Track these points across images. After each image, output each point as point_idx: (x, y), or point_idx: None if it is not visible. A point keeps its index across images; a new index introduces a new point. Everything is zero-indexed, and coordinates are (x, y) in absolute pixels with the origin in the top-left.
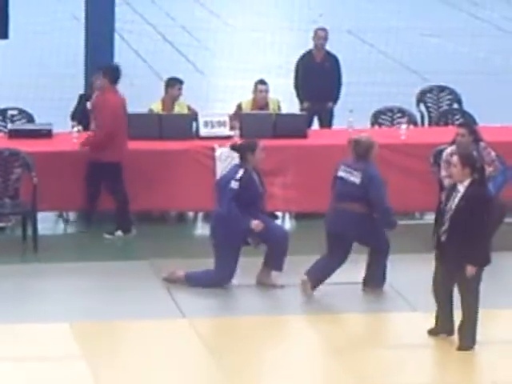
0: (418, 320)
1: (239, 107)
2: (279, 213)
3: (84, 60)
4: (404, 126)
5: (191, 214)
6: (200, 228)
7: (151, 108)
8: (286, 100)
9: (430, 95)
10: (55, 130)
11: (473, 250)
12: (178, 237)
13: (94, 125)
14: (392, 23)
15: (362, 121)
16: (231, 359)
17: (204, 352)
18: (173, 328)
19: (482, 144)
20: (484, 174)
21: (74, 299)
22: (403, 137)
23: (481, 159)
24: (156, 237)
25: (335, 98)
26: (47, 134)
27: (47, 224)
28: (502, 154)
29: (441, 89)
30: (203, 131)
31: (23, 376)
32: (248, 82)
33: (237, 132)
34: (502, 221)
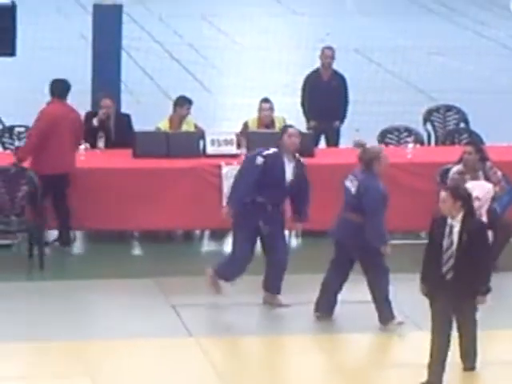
0: (423, 339)
1: (245, 125)
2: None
3: (91, 78)
4: (410, 145)
5: (198, 232)
6: (206, 246)
7: (158, 126)
8: (293, 118)
9: (437, 114)
10: None
11: (484, 281)
12: (185, 255)
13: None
14: (399, 42)
15: (369, 140)
16: (237, 379)
17: (210, 371)
18: (179, 347)
19: (489, 163)
20: (472, 204)
21: (79, 317)
22: (410, 156)
23: (486, 178)
24: (162, 255)
25: (342, 117)
26: None
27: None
28: (509, 174)
29: (447, 108)
30: (210, 149)
31: None
32: (255, 101)
33: (244, 150)
34: (508, 241)
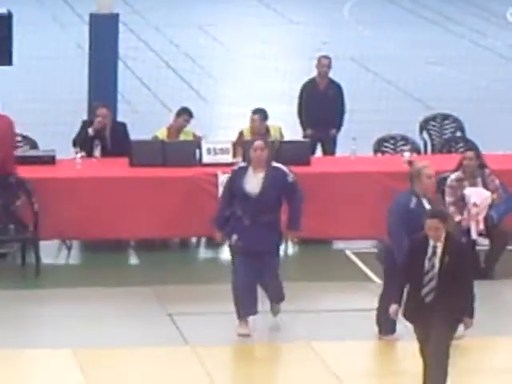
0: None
1: (241, 134)
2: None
3: (88, 86)
4: (407, 154)
5: (194, 241)
6: (203, 254)
7: (156, 135)
8: (289, 127)
9: (434, 123)
10: (58, 157)
11: (469, 302)
12: (181, 263)
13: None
14: (395, 51)
15: (365, 148)
16: None
17: (206, 380)
18: (175, 355)
19: (487, 171)
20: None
21: (76, 325)
22: (406, 164)
23: (484, 185)
24: (158, 263)
25: (338, 126)
26: (50, 161)
27: (49, 250)
28: (505, 182)
29: (444, 117)
30: (206, 158)
31: None
32: (251, 110)
33: (240, 159)
34: (505, 248)
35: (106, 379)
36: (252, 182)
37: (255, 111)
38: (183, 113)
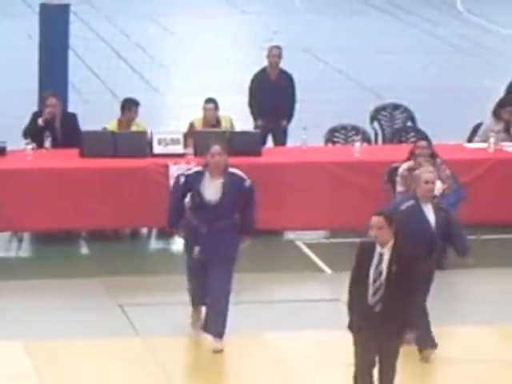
0: None
1: (192, 125)
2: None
3: (38, 77)
4: (358, 144)
5: (145, 231)
6: (154, 245)
7: (106, 127)
8: (240, 118)
9: (384, 113)
10: (9, 148)
11: (413, 315)
12: (132, 254)
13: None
14: (347, 41)
15: (316, 138)
16: (184, 379)
17: (157, 371)
18: (126, 346)
19: (439, 160)
20: (397, 229)
21: (26, 317)
22: (357, 154)
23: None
24: (110, 254)
25: (289, 116)
26: (1, 152)
27: (0, 242)
28: (456, 172)
29: (395, 106)
30: (157, 149)
31: None
32: (202, 100)
33: (191, 150)
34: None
35: (57, 371)
36: (211, 189)
37: (208, 100)
38: (131, 105)
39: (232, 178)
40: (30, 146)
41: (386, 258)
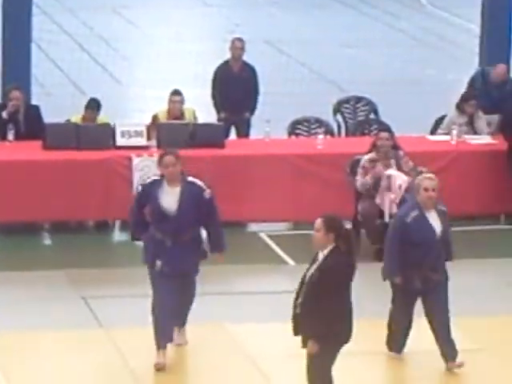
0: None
1: (155, 117)
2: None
3: (1, 70)
4: (321, 136)
5: (109, 223)
6: (117, 237)
7: (71, 120)
8: (203, 110)
9: (347, 105)
10: None
11: (317, 324)
12: (95, 246)
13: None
14: (309, 34)
15: (279, 131)
16: (148, 370)
17: (120, 363)
18: (89, 338)
19: (401, 152)
20: (350, 241)
21: None
22: (320, 147)
23: (398, 166)
24: (73, 246)
25: (252, 108)
26: None
27: None
28: (418, 165)
29: (358, 99)
30: (120, 141)
31: None
32: (165, 92)
33: (154, 142)
34: None
35: (19, 363)
36: (168, 198)
37: (175, 92)
38: (91, 106)
39: (190, 187)
40: None
41: (318, 263)
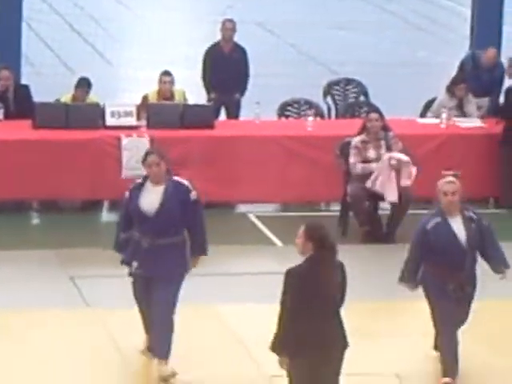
0: None
1: (145, 98)
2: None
3: None
4: (311, 118)
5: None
6: (105, 217)
7: (61, 99)
8: (194, 91)
9: (337, 87)
10: None
11: (276, 339)
12: (83, 226)
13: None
14: (300, 16)
15: (269, 112)
16: (135, 350)
17: (108, 342)
18: (77, 317)
19: (391, 133)
20: (323, 254)
21: None
22: (310, 128)
23: (388, 147)
24: (61, 226)
25: (242, 90)
26: None
27: None
28: (408, 147)
29: (348, 81)
30: (110, 121)
31: None
32: (156, 73)
33: (144, 122)
34: (405, 213)
35: (8, 341)
36: (149, 198)
37: (165, 73)
38: (83, 86)
39: (176, 187)
40: None
41: None
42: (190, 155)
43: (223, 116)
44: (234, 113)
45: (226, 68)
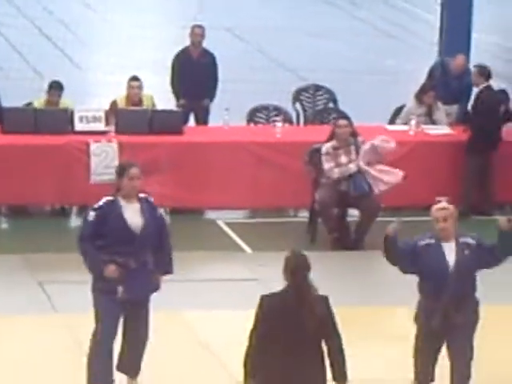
0: None
1: (114, 103)
2: None
3: None
4: (279, 124)
5: (66, 208)
6: (74, 222)
7: (33, 103)
8: (162, 97)
9: (306, 94)
10: None
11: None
12: (52, 231)
13: None
14: (270, 22)
15: (238, 118)
16: None
17: (75, 348)
18: (45, 323)
19: (360, 138)
20: (296, 285)
21: None
22: (278, 135)
23: (358, 153)
24: (30, 231)
25: (211, 95)
26: None
27: None
28: None
29: (317, 88)
30: (78, 126)
31: None
32: (125, 78)
33: (112, 128)
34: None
35: None
36: (132, 216)
37: (133, 78)
38: (53, 88)
39: (147, 204)
40: None
41: None
42: (159, 161)
43: (192, 122)
44: (203, 118)
45: (195, 74)
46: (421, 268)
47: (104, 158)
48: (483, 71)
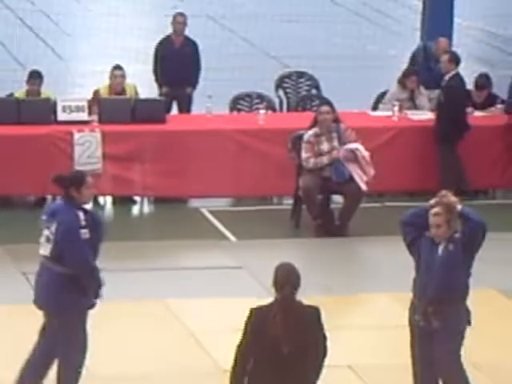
0: None
1: (96, 93)
2: (137, 198)
3: None
4: (262, 112)
5: (49, 199)
6: None
7: (14, 94)
8: (145, 85)
9: (289, 81)
10: None
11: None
12: (36, 222)
13: None
14: (251, 9)
15: (221, 106)
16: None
17: None
18: (30, 313)
19: (342, 125)
20: (283, 299)
21: None
22: (261, 122)
23: (340, 139)
24: (13, 222)
25: (194, 84)
26: None
27: None
28: (360, 139)
29: (299, 74)
30: (61, 116)
31: None
32: (107, 67)
33: (95, 117)
34: (358, 205)
35: None
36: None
37: (116, 67)
38: (33, 77)
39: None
40: None
41: None
42: (142, 150)
43: (175, 110)
44: (186, 107)
45: (178, 62)
46: (417, 259)
47: (87, 148)
48: (454, 57)
